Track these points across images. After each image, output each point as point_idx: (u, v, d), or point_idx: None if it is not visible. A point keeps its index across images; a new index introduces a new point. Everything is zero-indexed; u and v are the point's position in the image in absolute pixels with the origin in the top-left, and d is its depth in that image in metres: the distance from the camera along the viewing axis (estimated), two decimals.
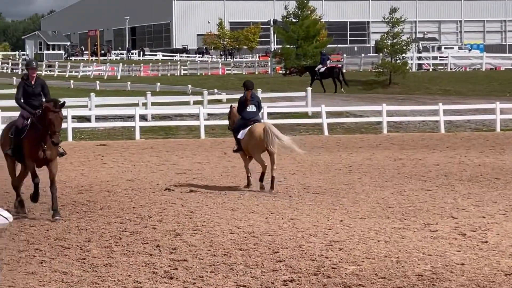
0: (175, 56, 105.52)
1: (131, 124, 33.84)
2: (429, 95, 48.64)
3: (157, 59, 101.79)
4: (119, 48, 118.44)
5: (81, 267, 10.73)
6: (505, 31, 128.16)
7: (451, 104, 39.26)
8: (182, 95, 45.10)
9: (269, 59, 75.21)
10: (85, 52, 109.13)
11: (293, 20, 61.50)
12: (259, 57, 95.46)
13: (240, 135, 17.87)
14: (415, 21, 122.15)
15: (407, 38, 55.59)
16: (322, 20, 72.55)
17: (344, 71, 65.90)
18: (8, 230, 12.92)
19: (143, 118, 35.25)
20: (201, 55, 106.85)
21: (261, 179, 17.61)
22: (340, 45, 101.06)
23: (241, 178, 18.29)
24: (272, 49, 74.64)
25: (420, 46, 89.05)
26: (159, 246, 11.91)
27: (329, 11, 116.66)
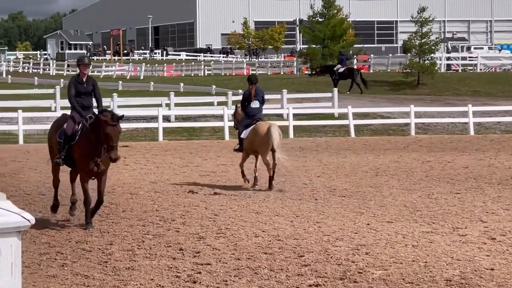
0: (198, 56, 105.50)
1: (154, 125, 33.79)
2: (458, 96, 48.30)
3: (180, 59, 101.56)
4: (142, 48, 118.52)
5: (103, 270, 10.62)
6: None
7: (481, 105, 38.94)
8: (206, 96, 45.04)
9: (294, 59, 75.00)
10: (107, 51, 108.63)
11: (319, 20, 60.98)
12: (284, 57, 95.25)
13: (243, 134, 18.12)
14: (444, 21, 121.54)
15: (435, 38, 55.07)
16: (348, 20, 72.17)
17: (371, 71, 65.54)
18: (29, 232, 12.80)
19: (166, 119, 35.20)
20: (225, 55, 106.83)
21: (270, 186, 17.71)
22: (367, 45, 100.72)
23: (265, 181, 18.14)
24: (297, 49, 74.37)
25: (449, 46, 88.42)
26: (182, 249, 11.77)
27: (355, 10, 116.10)
